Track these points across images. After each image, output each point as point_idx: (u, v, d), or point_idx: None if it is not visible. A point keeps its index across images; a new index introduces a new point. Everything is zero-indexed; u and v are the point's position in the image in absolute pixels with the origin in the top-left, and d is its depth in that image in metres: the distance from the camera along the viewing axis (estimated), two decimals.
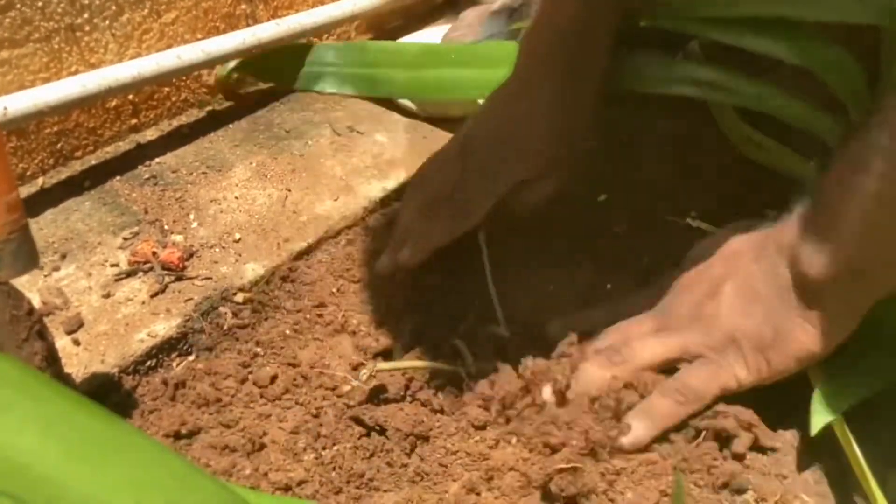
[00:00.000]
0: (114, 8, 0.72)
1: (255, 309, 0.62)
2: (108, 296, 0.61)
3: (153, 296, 0.61)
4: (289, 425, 0.54)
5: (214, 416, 0.55)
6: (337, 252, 0.67)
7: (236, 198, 0.71)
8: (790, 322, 0.50)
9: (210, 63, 0.77)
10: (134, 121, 0.77)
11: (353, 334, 0.60)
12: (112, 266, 0.64)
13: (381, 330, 0.61)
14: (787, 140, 0.67)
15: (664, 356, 0.53)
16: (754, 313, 0.51)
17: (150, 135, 0.78)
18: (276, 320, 0.61)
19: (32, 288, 0.60)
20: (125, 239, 0.66)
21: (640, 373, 0.53)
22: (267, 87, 0.87)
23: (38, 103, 0.64)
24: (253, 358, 0.59)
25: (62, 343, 0.56)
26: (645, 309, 0.57)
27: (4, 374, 0.24)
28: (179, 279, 0.62)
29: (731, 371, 0.51)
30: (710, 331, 0.52)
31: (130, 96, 0.76)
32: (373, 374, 0.55)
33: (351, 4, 0.86)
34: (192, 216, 0.69)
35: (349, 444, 0.53)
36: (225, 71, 0.82)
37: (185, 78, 0.80)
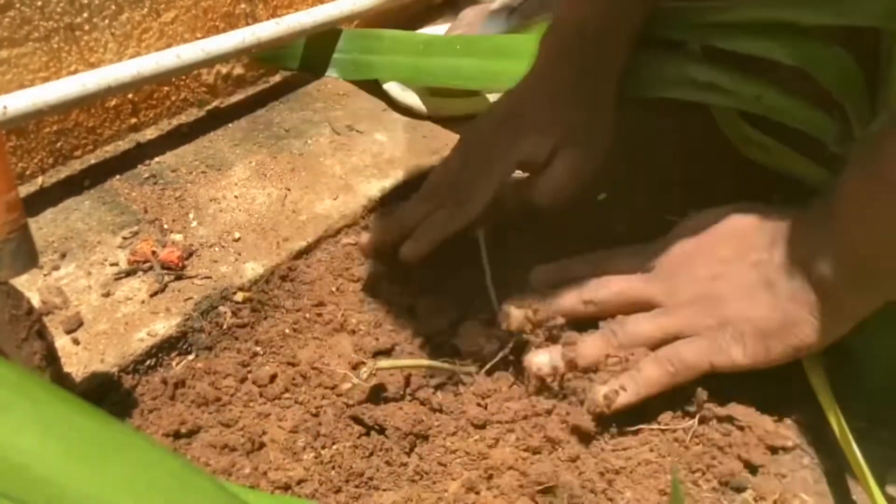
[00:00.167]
0: (113, 7, 0.72)
1: (255, 308, 0.62)
2: (107, 295, 0.61)
3: (153, 295, 0.61)
4: (288, 424, 0.54)
5: (214, 415, 0.55)
6: (336, 251, 0.67)
7: (236, 197, 0.71)
8: (799, 314, 0.50)
9: (209, 62, 0.77)
10: (133, 120, 0.77)
11: (352, 333, 0.60)
12: (111, 265, 0.64)
13: (381, 329, 0.61)
14: (787, 140, 0.67)
15: (661, 336, 0.53)
16: (763, 301, 0.51)
17: (150, 134, 0.78)
18: (276, 319, 0.61)
19: (32, 287, 0.61)
20: (125, 238, 0.66)
21: (635, 351, 0.53)
22: (267, 86, 0.87)
23: (37, 102, 0.64)
24: (252, 357, 0.59)
25: (62, 342, 0.56)
26: (637, 277, 0.56)
27: (3, 375, 0.24)
28: (179, 278, 0.63)
29: (727, 351, 0.51)
30: (712, 312, 0.52)
31: (130, 95, 0.76)
32: (373, 372, 0.55)
33: (350, 4, 0.86)
34: (191, 215, 0.69)
35: (348, 443, 0.53)
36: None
37: (184, 77, 0.80)
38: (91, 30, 0.71)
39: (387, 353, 0.59)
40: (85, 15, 0.70)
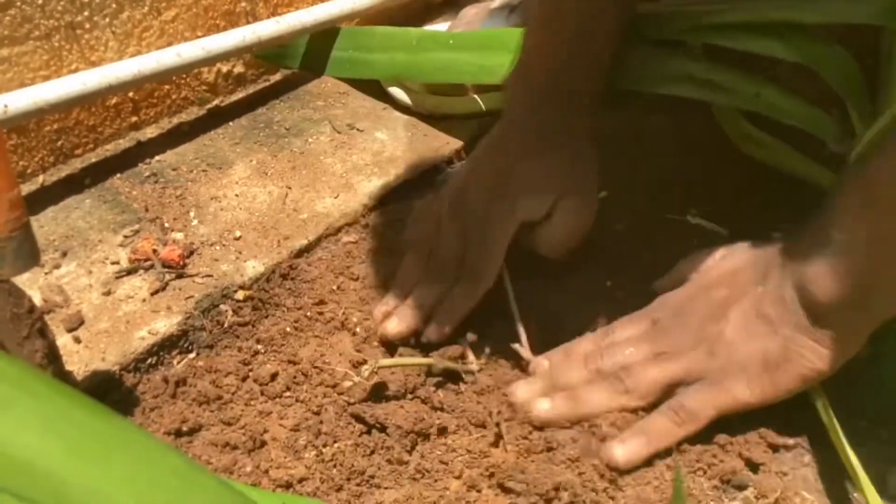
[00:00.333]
0: (114, 6, 0.72)
1: (256, 306, 0.62)
2: (108, 293, 0.61)
3: (154, 293, 0.61)
4: (289, 423, 0.54)
5: (215, 413, 0.55)
6: (337, 250, 0.67)
7: (236, 195, 0.71)
8: (799, 342, 0.49)
9: (210, 61, 0.77)
10: (134, 118, 0.77)
11: (353, 332, 0.60)
12: (113, 264, 0.64)
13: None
14: (787, 137, 0.67)
15: (668, 381, 0.52)
16: (762, 334, 0.51)
17: (151, 132, 0.78)
18: (277, 318, 0.61)
19: (33, 286, 0.61)
20: (126, 237, 0.66)
21: (644, 399, 0.53)
22: (267, 84, 0.87)
23: (38, 101, 0.64)
24: (253, 355, 0.59)
25: (63, 341, 0.56)
26: (637, 336, 0.55)
27: (5, 371, 0.24)
28: (180, 277, 0.63)
29: (732, 392, 0.51)
30: (713, 353, 0.52)
31: (131, 94, 0.76)
32: (374, 370, 0.55)
33: (350, 2, 0.86)
34: (192, 214, 0.69)
35: (350, 441, 0.53)
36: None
37: (185, 76, 0.80)
38: (92, 28, 0.71)
39: (388, 351, 0.59)
40: (86, 13, 0.70)
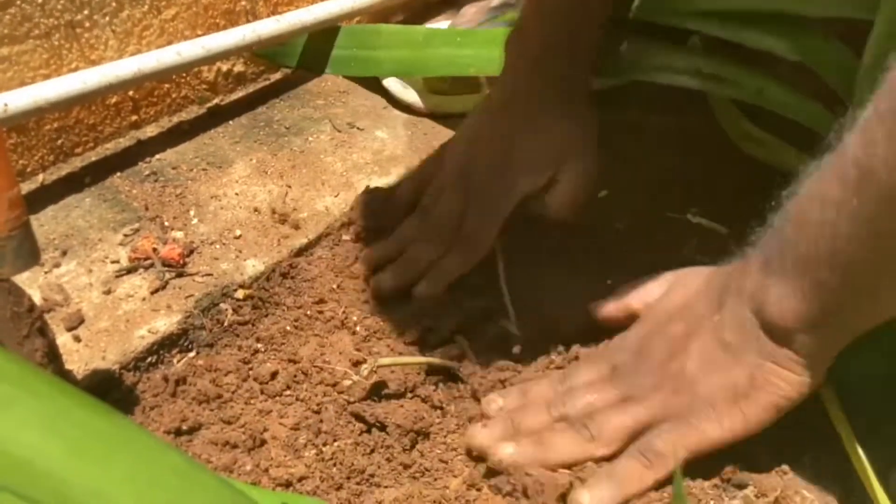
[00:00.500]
0: (114, 4, 0.72)
1: (256, 305, 0.62)
2: (108, 292, 0.61)
3: (154, 292, 0.61)
4: (289, 421, 0.54)
5: (215, 412, 0.55)
6: (337, 248, 0.67)
7: (236, 194, 0.71)
8: (766, 369, 0.46)
9: (210, 59, 0.77)
10: (134, 117, 0.77)
11: (353, 331, 0.60)
12: (113, 262, 0.64)
13: (382, 326, 0.61)
14: (788, 136, 0.67)
15: (633, 426, 0.50)
16: (725, 365, 0.48)
17: (151, 131, 0.78)
18: (277, 317, 0.61)
19: (33, 284, 0.61)
20: (126, 235, 0.66)
21: (610, 446, 0.50)
22: (267, 83, 0.87)
23: (38, 100, 0.64)
24: (253, 354, 0.59)
25: (63, 340, 0.56)
26: (598, 380, 0.53)
27: (5, 370, 0.24)
28: (180, 275, 0.63)
29: (701, 430, 0.48)
30: (677, 391, 0.49)
31: (130, 93, 0.76)
32: (374, 369, 0.55)
33: (351, 1, 0.86)
34: (192, 213, 0.69)
35: (350, 440, 0.53)
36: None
37: (185, 74, 0.79)
38: (92, 27, 0.71)
39: (388, 350, 0.59)
40: (86, 12, 0.70)
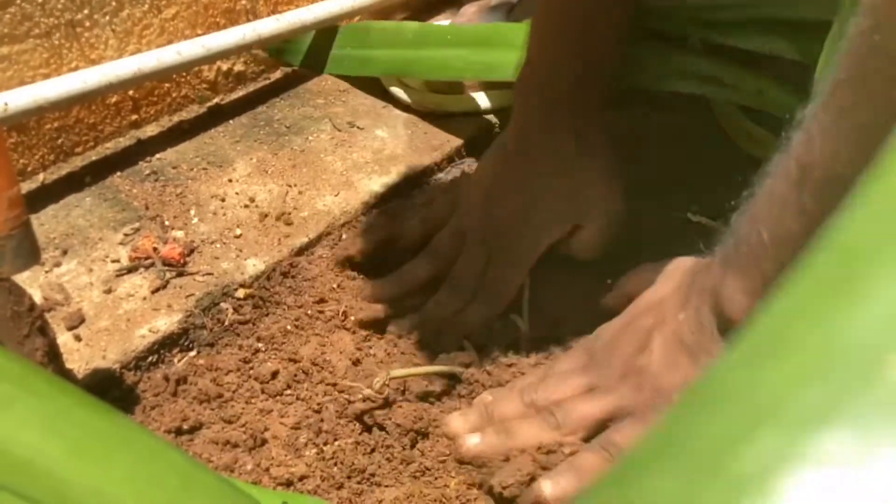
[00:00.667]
0: (114, 4, 0.72)
1: (256, 304, 0.62)
2: (109, 291, 0.61)
3: (154, 291, 0.61)
4: (290, 421, 0.54)
5: (216, 411, 0.55)
6: (337, 248, 0.67)
7: (237, 193, 0.71)
8: None
9: (210, 59, 0.77)
10: (134, 116, 0.77)
11: (353, 330, 0.60)
12: (113, 262, 0.64)
13: (382, 324, 0.61)
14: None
15: (598, 416, 0.51)
16: (684, 364, 0.49)
17: (151, 130, 0.78)
18: (277, 316, 0.61)
19: (33, 284, 0.61)
20: (126, 235, 0.66)
21: (575, 434, 0.51)
22: (267, 83, 0.87)
23: (38, 99, 0.64)
24: (254, 353, 0.59)
25: (63, 339, 0.56)
26: (575, 369, 0.54)
27: (6, 369, 0.24)
28: (180, 275, 0.63)
29: None
30: (639, 386, 0.50)
31: (131, 92, 0.76)
32: (386, 382, 0.54)
33: (350, 0, 0.86)
34: (192, 212, 0.69)
35: (350, 439, 0.53)
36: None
37: (185, 74, 0.79)
38: (92, 26, 0.71)
39: (388, 348, 0.59)
40: (86, 11, 0.70)
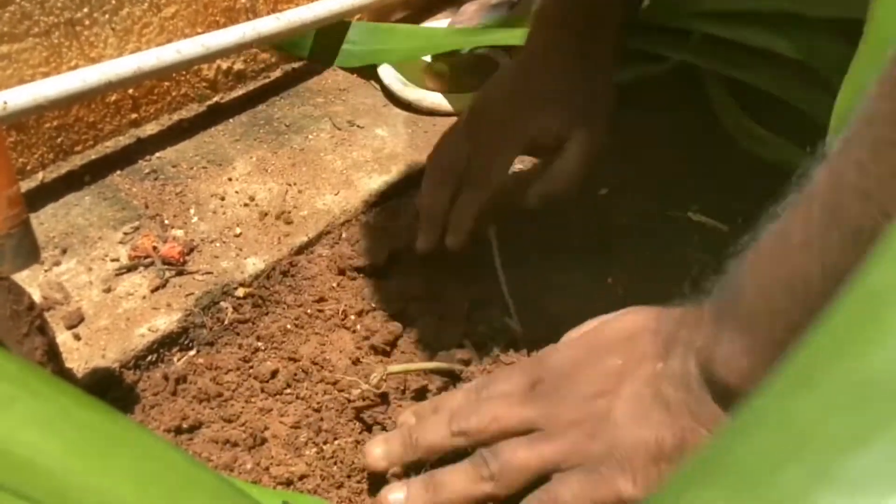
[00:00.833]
0: (113, 2, 0.72)
1: (256, 303, 0.61)
2: (108, 290, 0.61)
3: (154, 290, 0.61)
4: (290, 420, 0.54)
5: (215, 410, 0.55)
6: (337, 247, 0.67)
7: (237, 192, 0.71)
8: (697, 435, 0.41)
9: (210, 57, 0.77)
10: (134, 115, 0.77)
11: (353, 329, 0.60)
12: (113, 261, 0.64)
13: (382, 324, 0.61)
14: (789, 134, 0.67)
15: (539, 467, 0.45)
16: (655, 422, 0.43)
17: (150, 129, 0.78)
18: (277, 315, 0.61)
19: (33, 283, 0.60)
20: (126, 234, 0.66)
21: (510, 489, 0.45)
22: (267, 81, 0.87)
23: (37, 98, 0.64)
24: (254, 352, 0.59)
25: (63, 338, 0.56)
26: (513, 395, 0.48)
27: (5, 368, 0.24)
28: (180, 274, 0.62)
29: (613, 484, 0.43)
30: (594, 435, 0.44)
31: (130, 91, 0.76)
32: (383, 377, 0.54)
33: None
34: (192, 211, 0.69)
35: (350, 438, 0.53)
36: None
37: (185, 72, 0.79)
38: (91, 25, 0.71)
39: (389, 348, 0.59)
40: (85, 10, 0.70)
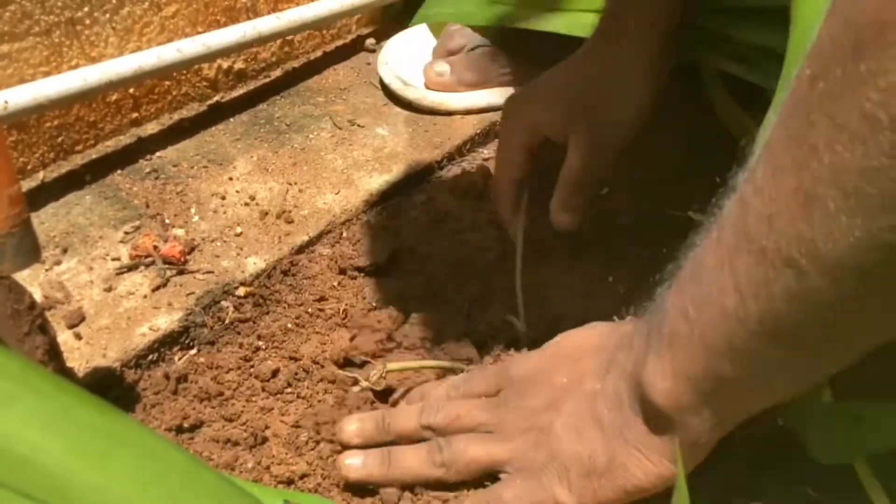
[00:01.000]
0: (114, 1, 0.72)
1: (257, 303, 0.62)
2: (109, 290, 0.61)
3: (155, 290, 0.61)
4: (291, 419, 0.54)
5: (216, 409, 0.55)
6: (338, 246, 0.67)
7: (237, 191, 0.71)
8: (626, 454, 0.43)
9: (210, 57, 0.77)
10: (135, 114, 0.77)
11: (353, 328, 0.60)
12: (113, 260, 0.64)
13: (382, 323, 0.61)
14: None
15: (487, 463, 0.49)
16: (589, 439, 0.45)
17: (151, 128, 0.78)
18: (278, 314, 0.61)
19: (34, 282, 0.61)
20: (126, 233, 0.66)
21: (458, 476, 0.49)
22: (268, 80, 0.87)
23: (38, 97, 0.64)
24: (254, 352, 0.59)
25: (64, 337, 0.56)
26: (482, 397, 0.52)
27: (6, 367, 0.24)
28: (181, 273, 0.62)
29: (551, 491, 0.46)
30: (538, 444, 0.47)
31: (131, 90, 0.76)
32: (383, 375, 0.54)
33: None
34: (193, 210, 0.69)
35: None
36: None
37: (185, 71, 0.79)
38: (92, 24, 0.71)
39: (389, 347, 0.59)
40: (86, 9, 0.70)
